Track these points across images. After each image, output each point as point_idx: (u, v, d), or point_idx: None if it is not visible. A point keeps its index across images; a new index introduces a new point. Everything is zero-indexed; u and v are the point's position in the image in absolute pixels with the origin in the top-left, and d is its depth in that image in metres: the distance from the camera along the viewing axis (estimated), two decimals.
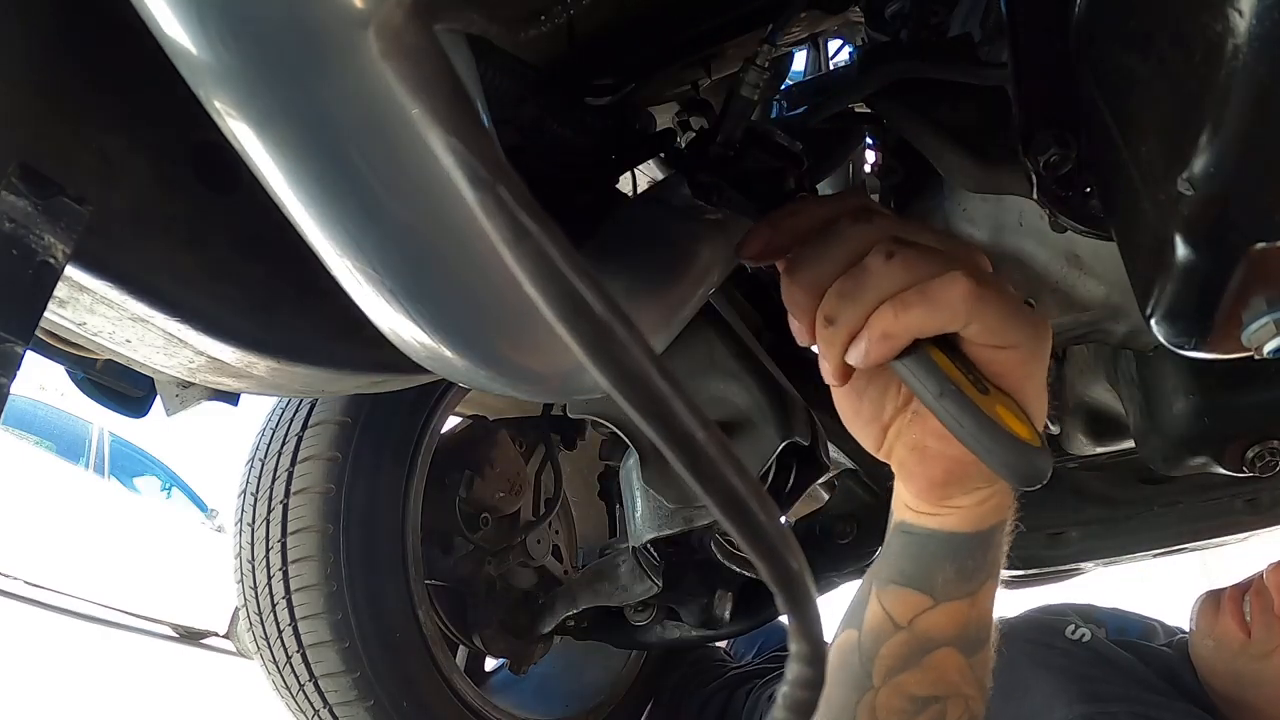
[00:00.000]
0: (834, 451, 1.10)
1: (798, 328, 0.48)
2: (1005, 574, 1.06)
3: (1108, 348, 0.93)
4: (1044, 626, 0.91)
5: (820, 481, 1.09)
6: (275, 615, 1.23)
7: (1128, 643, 0.87)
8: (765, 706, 0.96)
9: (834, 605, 1.30)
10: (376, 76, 0.31)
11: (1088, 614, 0.95)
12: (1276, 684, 0.82)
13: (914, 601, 0.57)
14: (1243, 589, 0.87)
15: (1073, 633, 0.90)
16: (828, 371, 0.48)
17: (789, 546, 0.23)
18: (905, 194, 0.82)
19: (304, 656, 1.21)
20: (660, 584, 1.11)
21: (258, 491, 1.27)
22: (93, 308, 0.41)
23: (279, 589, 1.22)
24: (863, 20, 0.69)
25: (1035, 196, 0.52)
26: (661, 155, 0.64)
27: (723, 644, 1.33)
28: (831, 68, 1.26)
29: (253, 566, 1.25)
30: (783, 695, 0.24)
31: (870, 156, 1.25)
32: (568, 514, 1.64)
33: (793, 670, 0.24)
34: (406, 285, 0.37)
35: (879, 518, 1.11)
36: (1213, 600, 0.89)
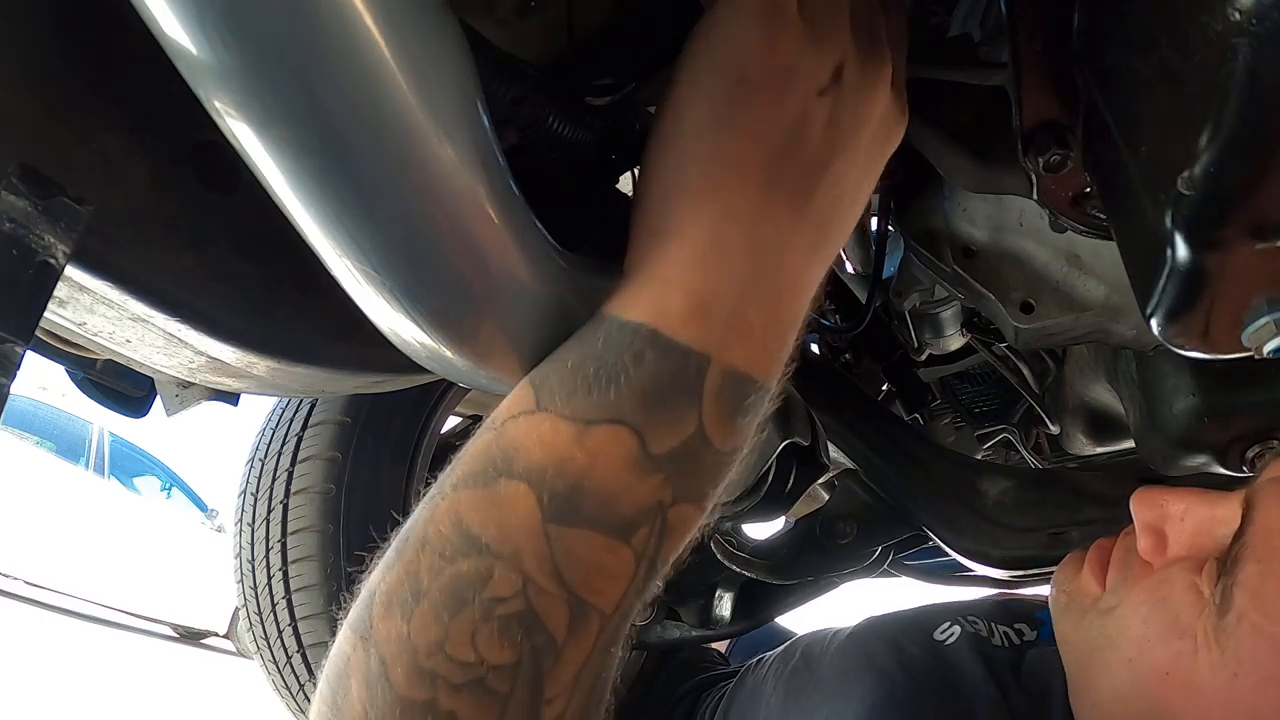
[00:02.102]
0: (834, 451, 1.10)
1: None
2: (1005, 574, 1.05)
3: (1108, 348, 0.93)
4: (910, 623, 0.77)
5: (820, 481, 1.09)
6: (275, 615, 1.23)
7: (1041, 645, 0.72)
8: (710, 709, 0.91)
9: (834, 606, 1.30)
10: (378, 76, 0.31)
11: (1013, 613, 0.78)
12: (1110, 648, 0.59)
13: (521, 398, 0.39)
14: (1113, 540, 0.67)
15: (941, 631, 0.74)
16: None
17: None
18: (905, 194, 0.82)
19: (304, 656, 1.21)
20: (660, 584, 1.10)
21: (258, 491, 1.27)
22: (93, 308, 0.41)
23: (279, 589, 1.22)
24: None
25: (1035, 196, 0.52)
26: None
27: (721, 645, 1.33)
28: None
29: (253, 566, 1.26)
30: None
31: None
32: None
33: None
34: (406, 285, 0.37)
35: (879, 518, 1.11)
36: (1079, 554, 0.70)
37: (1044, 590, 1.22)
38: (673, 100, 0.41)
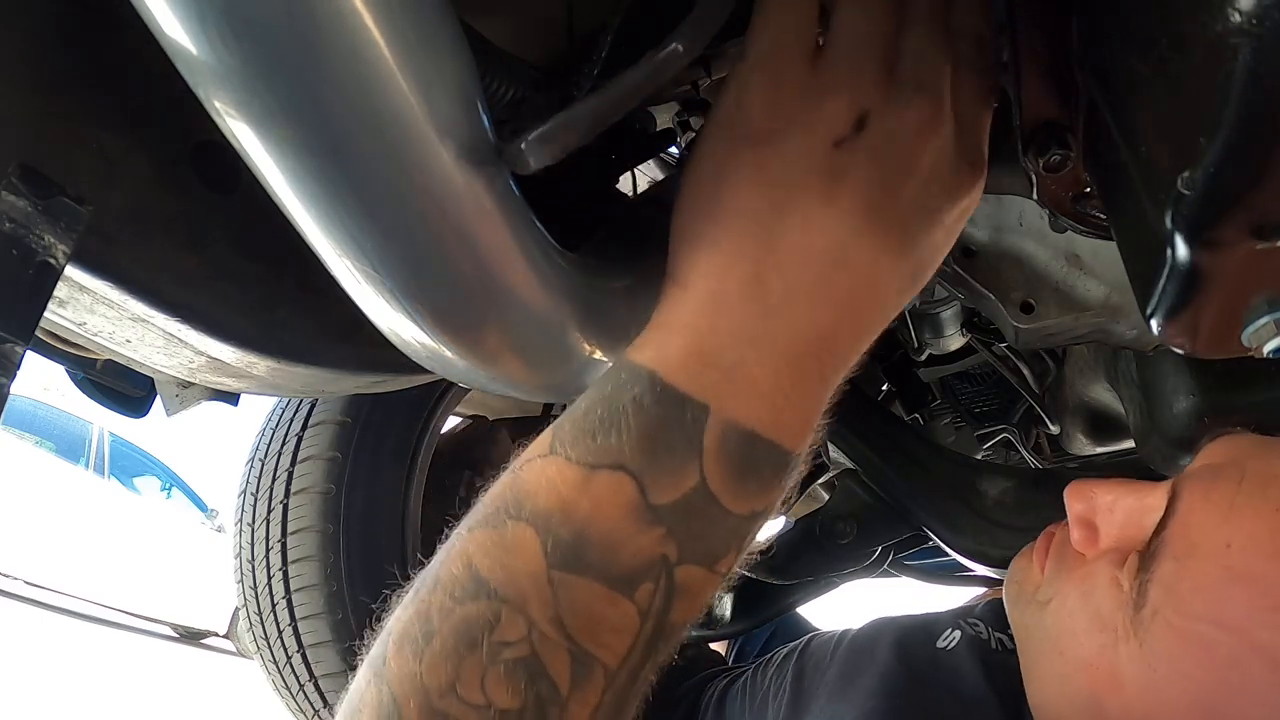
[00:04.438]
0: (834, 451, 1.10)
1: None
2: (1003, 574, 1.05)
3: (1108, 348, 0.93)
4: (918, 627, 0.77)
5: (820, 481, 1.09)
6: (275, 615, 1.23)
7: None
8: (713, 703, 0.91)
9: (834, 606, 1.30)
10: (378, 76, 0.31)
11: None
12: (1046, 639, 0.60)
13: (540, 441, 0.40)
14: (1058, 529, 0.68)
15: (943, 639, 0.74)
16: None
17: None
18: None
19: (304, 656, 1.21)
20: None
21: (258, 491, 1.27)
22: (93, 308, 0.41)
23: (279, 589, 1.22)
24: None
25: (1035, 196, 0.52)
26: (662, 155, 0.64)
27: (720, 646, 1.33)
28: None
29: (253, 566, 1.26)
30: None
31: None
32: None
33: None
34: (406, 285, 0.37)
35: (879, 518, 1.11)
36: (1031, 546, 0.70)
37: None
38: (692, 155, 0.42)
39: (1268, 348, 0.38)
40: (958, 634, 0.75)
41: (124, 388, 0.64)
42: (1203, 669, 0.50)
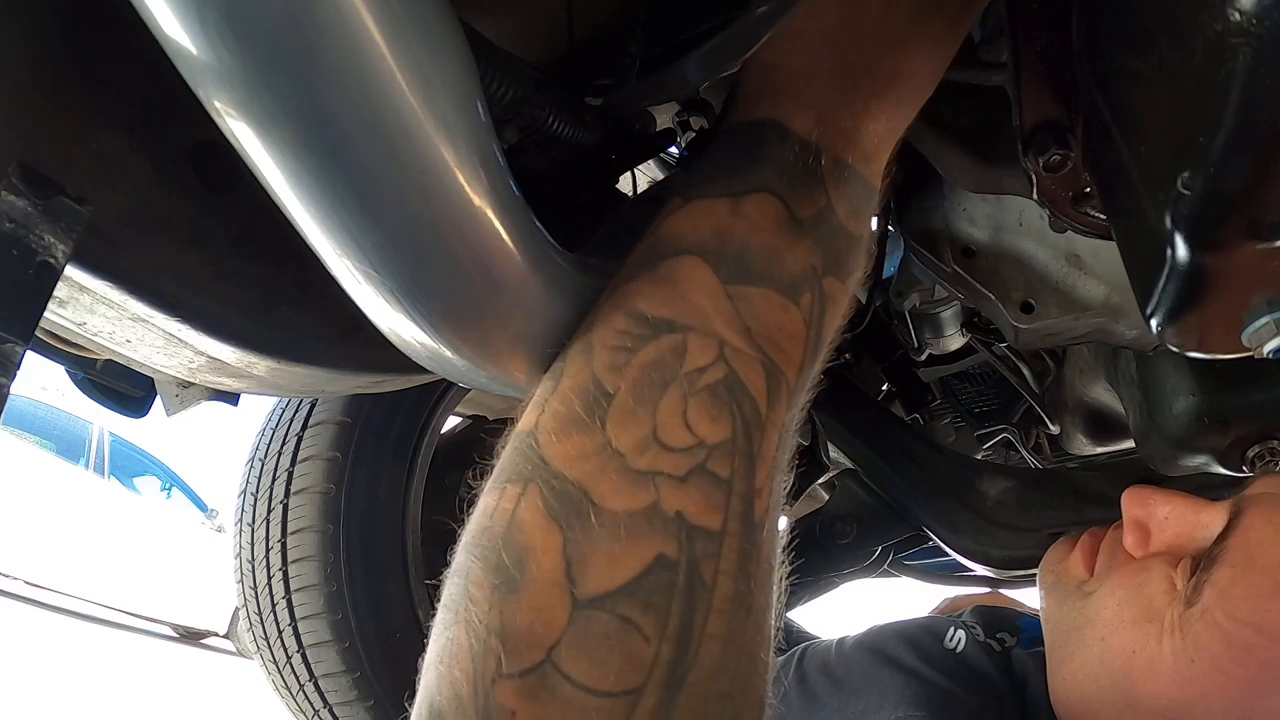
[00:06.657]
0: (834, 451, 1.11)
1: None
2: (1004, 574, 1.05)
3: (1108, 348, 0.93)
4: (921, 630, 0.80)
5: (820, 481, 1.09)
6: (275, 615, 1.23)
7: (1034, 654, 0.74)
8: None
9: (833, 606, 1.30)
10: (378, 76, 0.31)
11: (999, 622, 0.82)
12: (1088, 626, 0.65)
13: (672, 202, 0.43)
14: (1104, 530, 0.74)
15: (949, 639, 0.79)
16: None
17: None
18: (905, 194, 0.82)
19: (304, 656, 1.21)
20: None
21: (258, 491, 1.27)
22: (93, 308, 0.41)
23: (279, 589, 1.22)
24: None
25: (1035, 196, 0.52)
26: (662, 155, 0.64)
27: None
28: None
29: (253, 566, 1.26)
30: None
31: None
32: None
33: None
34: (406, 285, 0.37)
35: (879, 518, 1.11)
36: (1070, 539, 0.76)
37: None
38: None
39: (1268, 348, 0.38)
40: (961, 634, 0.78)
41: (124, 388, 0.64)
42: (1240, 667, 0.56)
